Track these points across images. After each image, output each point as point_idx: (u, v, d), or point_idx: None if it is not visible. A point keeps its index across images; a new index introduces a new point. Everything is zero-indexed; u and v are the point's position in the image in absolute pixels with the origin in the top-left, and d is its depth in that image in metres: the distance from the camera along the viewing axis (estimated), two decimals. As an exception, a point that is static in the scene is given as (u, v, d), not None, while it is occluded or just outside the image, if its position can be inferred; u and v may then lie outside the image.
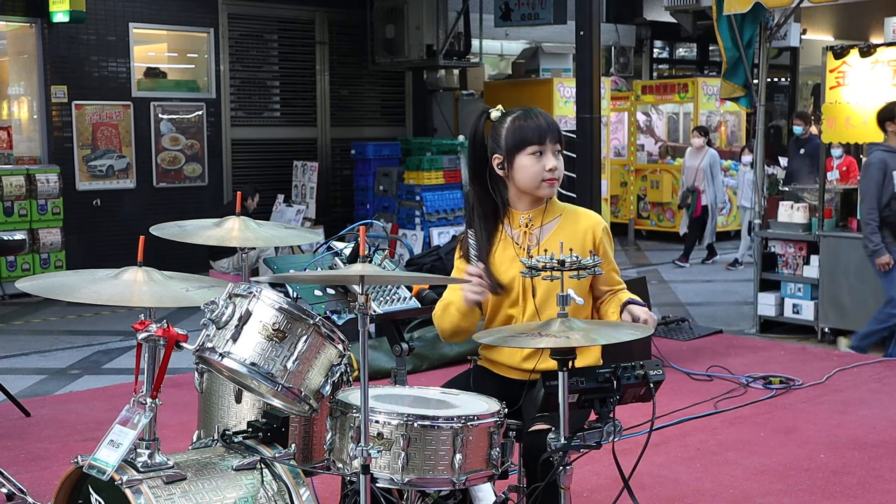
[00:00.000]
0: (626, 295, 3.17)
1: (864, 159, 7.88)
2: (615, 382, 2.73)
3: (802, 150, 11.43)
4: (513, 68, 14.80)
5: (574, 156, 8.12)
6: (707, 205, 12.02)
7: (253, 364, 2.75)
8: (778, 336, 8.19)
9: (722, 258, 12.35)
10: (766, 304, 8.33)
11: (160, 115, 11.23)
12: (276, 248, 8.47)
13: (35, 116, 10.63)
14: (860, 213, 7.38)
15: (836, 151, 10.32)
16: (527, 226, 3.22)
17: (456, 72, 13.62)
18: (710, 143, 12.44)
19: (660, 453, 5.17)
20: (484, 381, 3.24)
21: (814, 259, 8.03)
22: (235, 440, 2.86)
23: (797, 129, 11.77)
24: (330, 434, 2.80)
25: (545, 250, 2.86)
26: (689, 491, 4.73)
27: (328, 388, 2.84)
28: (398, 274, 3.73)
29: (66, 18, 9.94)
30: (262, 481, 2.76)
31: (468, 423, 2.70)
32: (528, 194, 3.21)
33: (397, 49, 12.40)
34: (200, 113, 11.56)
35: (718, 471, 5.00)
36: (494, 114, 3.23)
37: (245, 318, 2.77)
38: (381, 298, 3.66)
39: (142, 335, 2.70)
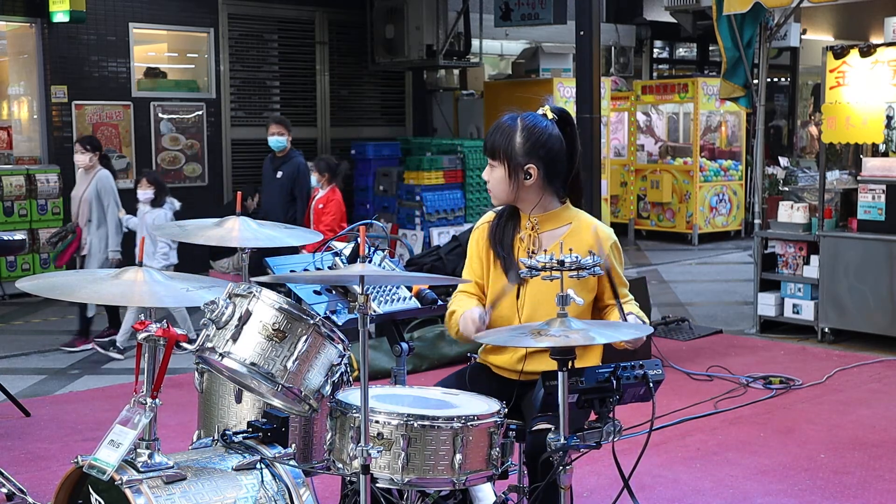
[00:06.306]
0: (617, 315, 3.05)
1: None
2: (615, 382, 2.73)
3: (280, 174, 8.21)
4: (513, 68, 14.78)
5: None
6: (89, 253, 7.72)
7: (253, 364, 2.75)
8: (778, 336, 8.18)
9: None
10: (766, 304, 8.32)
11: (160, 115, 11.23)
12: (276, 249, 8.41)
13: (35, 116, 10.62)
14: None
15: (314, 180, 8.21)
16: (532, 229, 3.23)
17: (456, 72, 13.61)
18: (106, 162, 8.01)
19: (660, 453, 5.17)
20: (481, 379, 3.24)
21: (814, 259, 8.02)
22: (235, 440, 2.86)
23: (277, 143, 8.17)
24: (330, 434, 2.80)
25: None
26: (689, 491, 4.73)
27: (328, 388, 2.85)
28: (398, 274, 3.73)
29: (66, 18, 9.93)
30: (262, 481, 2.76)
31: (468, 423, 2.70)
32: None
33: (397, 49, 12.39)
34: (200, 113, 11.55)
35: (718, 471, 5.00)
36: None
37: (245, 318, 2.77)
38: (381, 298, 3.66)
39: (142, 335, 2.70)
